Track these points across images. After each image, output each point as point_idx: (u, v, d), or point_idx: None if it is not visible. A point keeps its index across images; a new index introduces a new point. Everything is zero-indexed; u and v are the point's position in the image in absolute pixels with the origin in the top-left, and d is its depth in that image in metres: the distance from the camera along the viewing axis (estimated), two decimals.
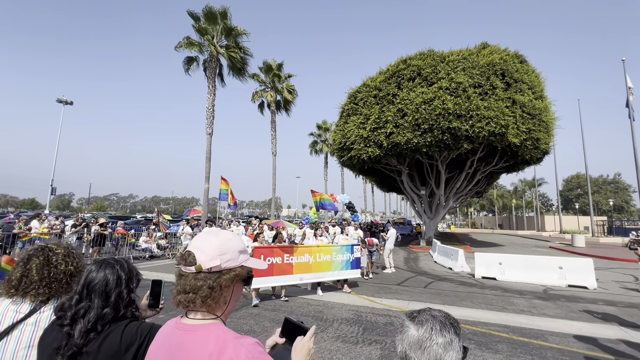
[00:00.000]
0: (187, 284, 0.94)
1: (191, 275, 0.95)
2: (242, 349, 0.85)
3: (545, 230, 50.95)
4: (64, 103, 25.96)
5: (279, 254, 7.13)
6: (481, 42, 20.25)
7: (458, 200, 25.93)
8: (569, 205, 78.96)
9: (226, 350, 0.85)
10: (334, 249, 8.11)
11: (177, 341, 0.93)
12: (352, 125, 19.52)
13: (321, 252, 7.81)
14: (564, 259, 10.13)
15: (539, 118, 17.17)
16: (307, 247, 7.98)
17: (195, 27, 20.12)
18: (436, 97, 16.66)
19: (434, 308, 0.97)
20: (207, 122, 20.34)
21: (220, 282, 0.96)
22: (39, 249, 1.49)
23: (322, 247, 7.99)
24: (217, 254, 0.96)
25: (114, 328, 1.20)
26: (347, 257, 8.25)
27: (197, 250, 0.97)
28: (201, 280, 0.94)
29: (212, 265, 0.95)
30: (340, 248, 8.29)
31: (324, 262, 7.79)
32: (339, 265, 8.05)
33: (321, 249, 7.91)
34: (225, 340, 0.88)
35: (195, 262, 0.95)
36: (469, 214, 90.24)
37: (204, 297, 0.93)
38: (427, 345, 0.85)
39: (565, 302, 7.57)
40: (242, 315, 6.01)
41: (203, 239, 1.01)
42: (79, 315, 1.17)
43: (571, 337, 5.17)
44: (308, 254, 7.57)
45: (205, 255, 0.96)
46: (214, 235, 1.02)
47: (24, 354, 1.33)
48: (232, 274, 0.98)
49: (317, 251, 7.76)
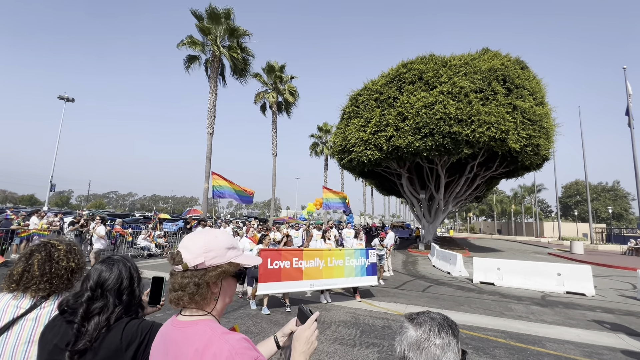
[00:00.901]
0: (176, 282, 0.97)
1: (179, 274, 0.98)
2: (226, 345, 0.86)
3: (544, 236, 51.01)
4: (65, 100, 25.98)
5: (287, 258, 6.50)
6: (482, 47, 20.37)
7: (457, 205, 25.95)
8: (568, 212, 79.08)
9: (211, 346, 0.87)
10: (347, 253, 7.46)
11: (171, 337, 0.97)
12: (353, 128, 19.55)
13: (333, 256, 7.16)
14: (563, 266, 10.13)
15: (539, 124, 17.23)
16: (317, 250, 7.39)
17: (199, 26, 20.16)
18: (437, 101, 16.71)
19: (432, 311, 0.98)
20: (208, 122, 20.36)
21: (206, 279, 0.98)
22: (42, 245, 1.49)
23: (334, 251, 7.38)
24: (202, 252, 0.98)
25: (115, 325, 1.20)
26: (362, 262, 7.53)
27: (184, 249, 1.00)
28: (187, 278, 0.96)
29: (196, 263, 0.97)
30: (354, 252, 7.62)
31: (336, 267, 7.12)
32: (353, 271, 7.36)
33: (333, 252, 7.26)
34: (211, 337, 0.90)
35: (182, 261, 0.97)
36: (468, 218, 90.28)
37: (191, 294, 0.96)
38: (425, 346, 0.85)
39: (563, 308, 7.56)
40: (239, 315, 6.00)
41: (190, 238, 1.04)
42: (94, 313, 1.18)
43: (569, 344, 5.17)
44: (318, 257, 6.94)
45: (190, 253, 0.98)
46: (201, 234, 1.04)
47: (24, 349, 1.33)
48: (219, 271, 1.00)
49: (328, 255, 7.12)
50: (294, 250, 6.89)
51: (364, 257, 7.61)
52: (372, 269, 7.71)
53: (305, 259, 6.75)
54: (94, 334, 1.15)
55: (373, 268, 7.74)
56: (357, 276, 7.42)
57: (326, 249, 7.43)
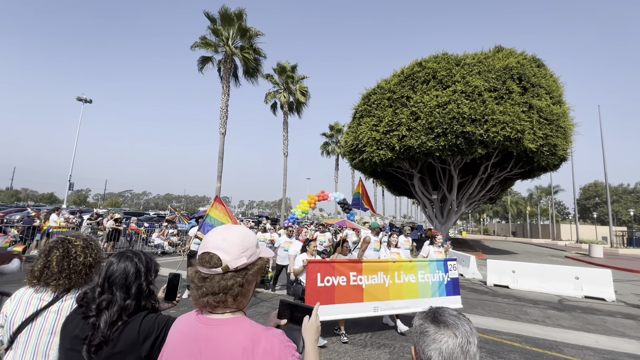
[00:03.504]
0: (215, 286, 0.94)
1: (218, 277, 0.94)
2: (274, 340, 0.89)
3: (560, 239, 49.58)
4: (83, 101, 26.74)
5: (342, 272, 5.01)
6: (495, 45, 19.91)
7: (470, 206, 25.49)
8: (586, 214, 76.67)
9: (259, 342, 0.88)
10: (420, 266, 5.76)
11: (205, 336, 0.93)
12: (365, 127, 19.44)
13: (402, 269, 5.55)
14: (581, 269, 9.82)
15: (556, 124, 16.75)
16: (380, 262, 5.73)
17: (211, 28, 20.47)
18: (451, 100, 16.45)
19: (444, 307, 0.96)
20: (221, 122, 20.63)
21: (248, 278, 0.98)
22: (59, 241, 1.53)
23: (403, 263, 5.70)
24: (241, 252, 0.97)
25: (133, 318, 1.23)
26: (440, 278, 5.84)
27: (219, 250, 0.96)
28: (230, 280, 0.94)
29: (239, 265, 0.96)
30: (429, 264, 5.88)
31: (407, 285, 5.51)
32: (429, 289, 5.68)
33: (401, 265, 5.63)
34: (256, 333, 0.90)
35: (221, 263, 0.94)
36: (481, 220, 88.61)
37: (235, 295, 0.95)
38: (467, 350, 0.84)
39: (581, 313, 7.34)
40: (250, 314, 6.05)
41: (220, 238, 0.99)
42: (102, 307, 1.21)
43: (588, 350, 5.01)
44: (383, 272, 5.38)
45: (229, 255, 0.96)
46: (231, 233, 1.01)
47: (47, 340, 1.39)
48: (256, 268, 1.01)
49: (395, 268, 5.52)
50: (351, 263, 5.31)
51: (442, 271, 5.91)
52: (454, 286, 5.92)
53: (366, 273, 5.22)
54: (105, 329, 1.17)
55: (455, 285, 5.93)
56: (435, 296, 5.67)
57: (391, 260, 5.77)
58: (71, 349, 1.20)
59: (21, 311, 1.41)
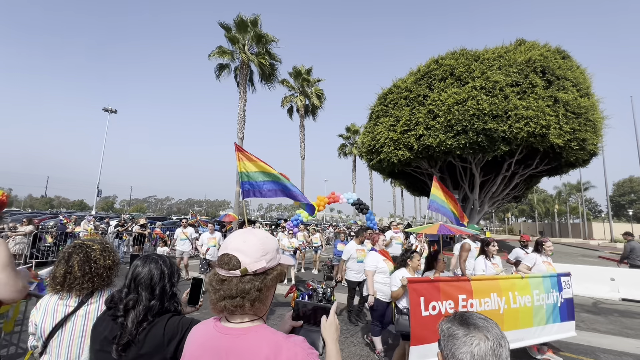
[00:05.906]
0: (233, 289, 0.91)
1: (236, 280, 0.92)
2: (297, 349, 0.86)
3: (593, 238, 47.05)
4: (109, 112, 28.05)
5: (449, 295, 3.70)
6: (517, 38, 19.24)
7: (494, 205, 24.65)
8: (620, 211, 72.48)
9: (281, 351, 0.85)
10: (534, 284, 4.37)
11: (226, 346, 0.90)
12: (382, 128, 19.24)
13: (515, 289, 4.17)
14: (617, 270, 9.29)
15: (584, 117, 15.95)
16: (491, 279, 4.29)
17: (227, 36, 20.94)
18: (470, 97, 16.02)
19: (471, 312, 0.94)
20: (239, 127, 21.00)
21: (267, 282, 0.95)
22: (77, 247, 1.57)
23: (516, 280, 4.30)
24: (261, 255, 0.94)
25: (158, 320, 1.27)
26: (554, 299, 4.46)
27: (239, 252, 0.94)
28: (248, 283, 0.91)
29: (258, 268, 0.93)
30: (543, 281, 4.46)
31: (522, 310, 4.14)
32: (544, 315, 4.31)
33: (514, 282, 4.25)
34: (279, 341, 0.88)
35: (240, 265, 0.92)
36: (506, 219, 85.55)
37: (253, 300, 0.92)
38: (499, 353, 0.82)
39: (618, 317, 6.91)
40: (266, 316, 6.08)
41: (242, 239, 0.97)
42: (129, 306, 1.25)
43: (627, 356, 4.71)
44: (496, 293, 4.01)
45: (248, 257, 0.93)
46: (252, 235, 0.99)
47: (79, 342, 1.45)
48: (275, 273, 0.98)
49: (508, 288, 4.14)
50: (459, 282, 3.96)
51: (556, 290, 4.54)
52: (568, 309, 4.60)
53: (477, 296, 3.86)
54: (133, 328, 1.21)
55: (569, 307, 4.62)
56: (549, 323, 4.35)
57: (501, 277, 4.59)
58: (101, 349, 1.24)
59: (49, 318, 1.47)
